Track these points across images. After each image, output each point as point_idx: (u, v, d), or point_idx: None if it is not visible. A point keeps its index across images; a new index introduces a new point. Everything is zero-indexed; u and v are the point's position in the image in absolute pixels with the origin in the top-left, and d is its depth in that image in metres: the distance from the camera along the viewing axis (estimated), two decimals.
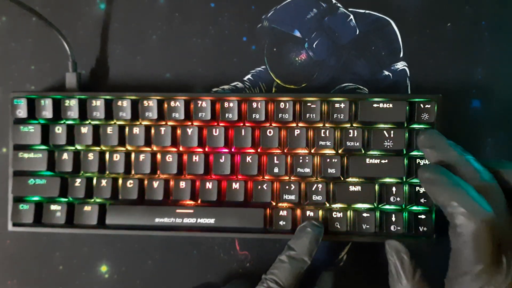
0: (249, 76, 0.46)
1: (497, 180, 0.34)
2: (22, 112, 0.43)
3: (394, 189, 0.41)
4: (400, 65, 0.46)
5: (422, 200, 0.41)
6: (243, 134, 0.42)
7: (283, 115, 0.42)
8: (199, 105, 0.42)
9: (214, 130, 0.42)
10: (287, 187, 0.42)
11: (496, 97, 0.45)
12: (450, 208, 0.32)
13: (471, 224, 0.31)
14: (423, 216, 0.41)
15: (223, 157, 0.42)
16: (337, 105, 0.41)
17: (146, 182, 0.43)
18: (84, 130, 0.43)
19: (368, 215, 0.41)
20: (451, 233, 0.33)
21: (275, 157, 0.42)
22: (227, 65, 0.47)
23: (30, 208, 0.43)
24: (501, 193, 0.33)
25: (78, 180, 0.43)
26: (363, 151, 0.42)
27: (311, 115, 0.42)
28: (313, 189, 0.42)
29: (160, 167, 0.42)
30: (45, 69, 0.47)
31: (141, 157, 0.43)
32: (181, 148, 0.43)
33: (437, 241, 0.41)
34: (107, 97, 0.43)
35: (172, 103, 0.42)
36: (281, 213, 0.42)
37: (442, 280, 0.35)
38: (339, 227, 0.41)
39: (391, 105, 0.41)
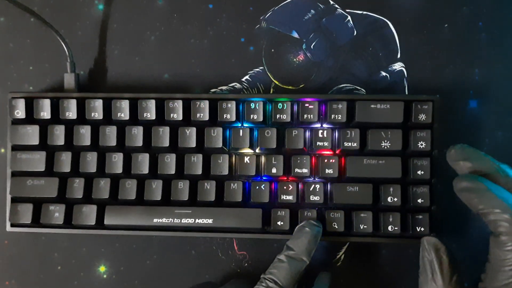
0: (247, 77, 0.47)
1: None
2: (20, 113, 0.43)
3: (391, 189, 0.41)
4: (398, 66, 0.46)
5: (419, 201, 0.41)
6: (241, 134, 0.42)
7: (281, 115, 0.42)
8: (197, 106, 0.42)
9: (212, 130, 0.42)
10: (285, 187, 0.42)
11: (493, 98, 0.45)
12: (492, 216, 0.31)
13: None
14: (420, 216, 0.41)
15: (221, 157, 0.42)
16: (334, 106, 0.42)
17: (144, 182, 0.43)
18: (82, 130, 0.43)
19: (366, 215, 0.41)
20: (493, 242, 0.32)
21: (273, 158, 0.42)
22: (226, 66, 0.47)
23: (29, 209, 0.43)
24: None
25: (77, 181, 0.43)
26: (360, 152, 0.42)
27: (309, 115, 0.42)
28: (311, 189, 0.42)
29: (159, 167, 0.43)
30: (43, 70, 0.48)
31: (140, 157, 0.43)
32: (179, 149, 0.43)
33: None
34: (106, 97, 0.43)
35: (171, 104, 0.42)
36: (279, 213, 0.42)
37: None
38: (336, 227, 0.42)
39: (388, 106, 0.41)
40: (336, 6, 0.46)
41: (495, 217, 0.31)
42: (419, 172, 0.41)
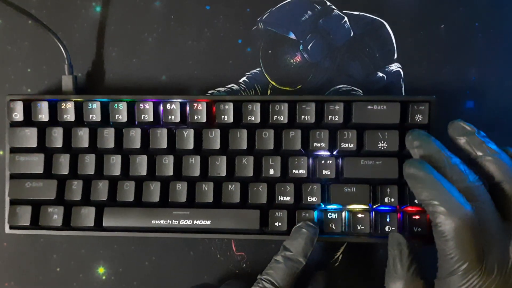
0: (244, 78, 0.47)
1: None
2: (18, 115, 0.43)
3: (388, 190, 0.41)
4: (394, 66, 0.46)
5: (416, 201, 0.41)
6: (238, 136, 0.42)
7: (278, 117, 0.42)
8: (194, 108, 0.42)
9: (210, 132, 0.42)
10: (282, 188, 0.42)
11: (489, 98, 0.45)
12: (431, 207, 0.33)
13: (450, 222, 0.32)
14: (417, 217, 0.41)
15: (219, 159, 0.42)
16: (331, 107, 0.42)
17: (142, 184, 0.43)
18: (80, 133, 0.43)
19: (363, 216, 0.42)
20: (434, 233, 0.34)
21: (271, 159, 0.42)
22: (223, 67, 0.47)
23: (27, 211, 0.43)
24: (486, 194, 0.34)
25: (75, 183, 0.43)
26: (357, 153, 0.42)
27: (306, 116, 0.42)
28: (308, 190, 0.42)
29: (157, 169, 0.43)
30: (41, 72, 0.48)
31: (138, 159, 0.43)
32: (177, 151, 0.43)
33: (431, 241, 0.41)
34: (103, 99, 0.43)
35: (168, 106, 0.43)
36: (276, 214, 0.42)
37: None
38: (334, 228, 0.42)
39: (385, 107, 0.41)
40: (333, 7, 0.46)
41: (433, 208, 0.33)
42: None
